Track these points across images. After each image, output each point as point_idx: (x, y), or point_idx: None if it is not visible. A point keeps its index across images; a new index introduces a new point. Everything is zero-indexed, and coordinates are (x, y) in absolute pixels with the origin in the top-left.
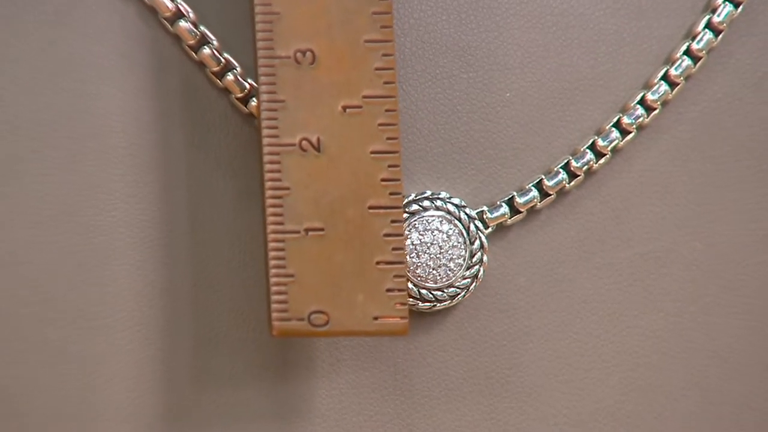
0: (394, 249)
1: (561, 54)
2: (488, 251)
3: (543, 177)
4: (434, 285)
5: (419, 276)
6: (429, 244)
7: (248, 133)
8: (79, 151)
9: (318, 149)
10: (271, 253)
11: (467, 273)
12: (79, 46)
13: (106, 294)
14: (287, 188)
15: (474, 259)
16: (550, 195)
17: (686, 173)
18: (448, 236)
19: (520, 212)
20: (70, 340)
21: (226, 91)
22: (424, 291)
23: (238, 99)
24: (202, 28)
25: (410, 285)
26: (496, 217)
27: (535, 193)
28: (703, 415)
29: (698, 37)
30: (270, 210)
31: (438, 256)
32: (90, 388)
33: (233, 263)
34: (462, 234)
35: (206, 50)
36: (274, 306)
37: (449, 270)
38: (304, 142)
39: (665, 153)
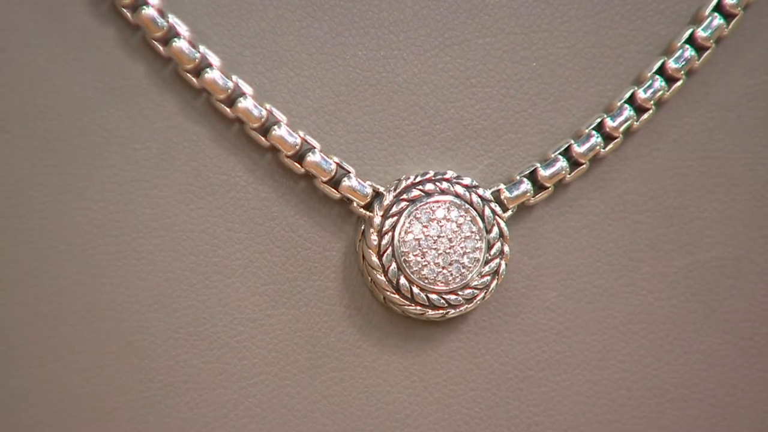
0: None
1: (599, 13)
2: (509, 240)
3: (572, 142)
4: (445, 287)
5: (426, 278)
6: (435, 238)
7: (201, 106)
8: None
9: None
10: None
11: (485, 269)
12: None
13: (37, 315)
14: None
15: (493, 252)
16: (582, 164)
17: (756, 158)
18: (459, 226)
19: (546, 187)
20: None
21: (174, 59)
22: (433, 296)
23: (186, 70)
24: None
25: (416, 290)
26: (517, 196)
27: (563, 162)
28: None
29: None
30: None
31: (448, 251)
32: None
33: (186, 259)
34: (476, 221)
35: (146, 11)
36: None
37: (463, 267)
38: None
39: (726, 130)
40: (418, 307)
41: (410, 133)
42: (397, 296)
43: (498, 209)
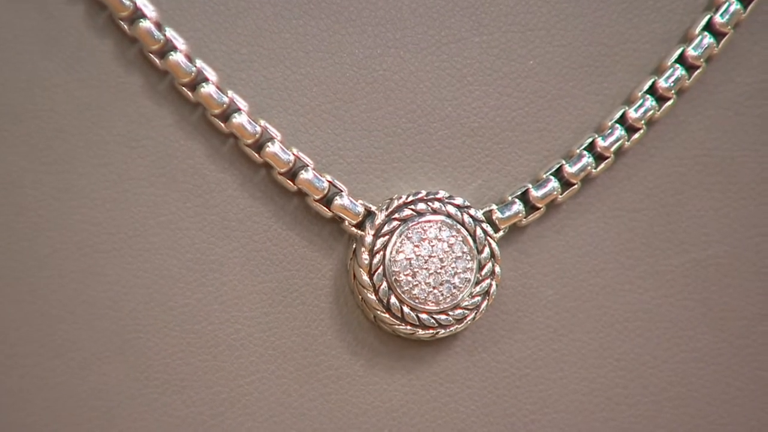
0: None
1: (596, 11)
2: (501, 261)
3: (563, 162)
4: (436, 307)
5: (417, 298)
6: (427, 258)
7: (197, 120)
8: None
9: None
10: None
11: (476, 289)
12: None
13: (33, 313)
14: None
15: (484, 272)
16: (574, 184)
17: (754, 156)
18: (450, 246)
19: (538, 208)
20: None
21: (171, 72)
22: (423, 316)
23: (182, 84)
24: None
25: (406, 309)
26: (509, 217)
27: (555, 183)
28: None
29: None
30: None
31: (439, 271)
32: None
33: (182, 259)
34: (467, 242)
35: (143, 23)
36: None
37: (454, 287)
38: None
39: (724, 128)
40: (409, 327)
41: (400, 133)
42: (387, 315)
43: (490, 230)
